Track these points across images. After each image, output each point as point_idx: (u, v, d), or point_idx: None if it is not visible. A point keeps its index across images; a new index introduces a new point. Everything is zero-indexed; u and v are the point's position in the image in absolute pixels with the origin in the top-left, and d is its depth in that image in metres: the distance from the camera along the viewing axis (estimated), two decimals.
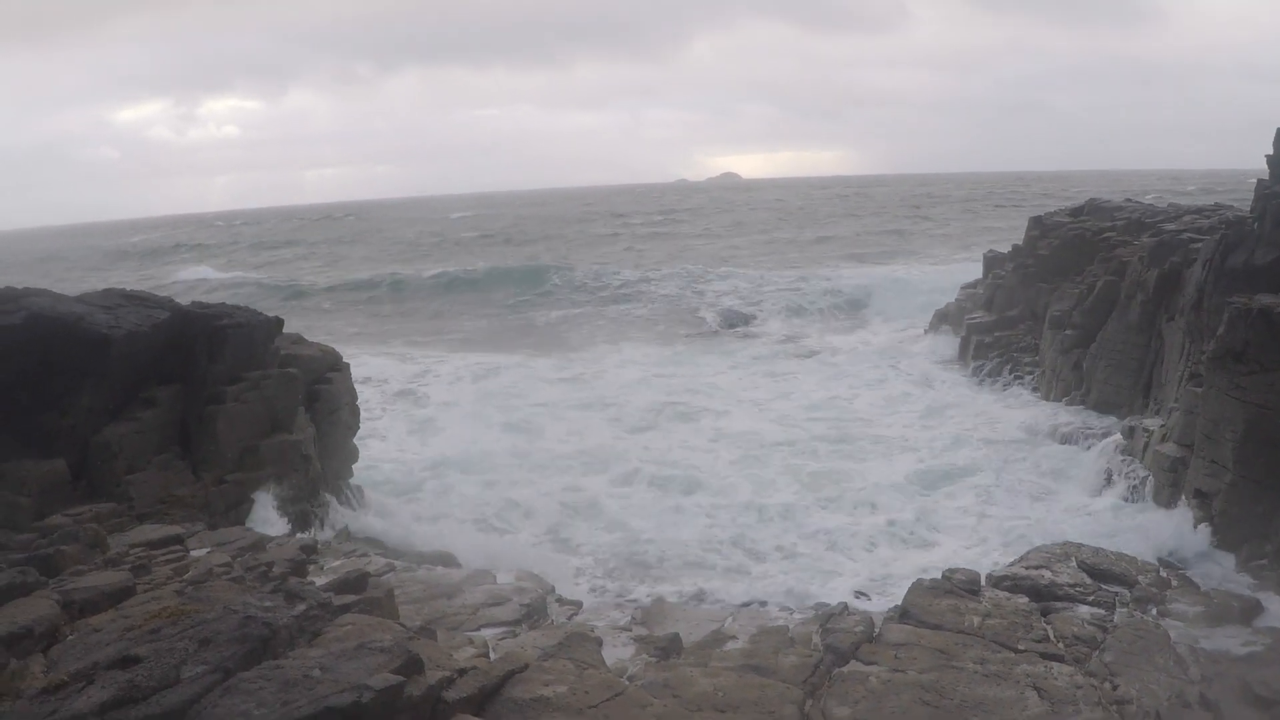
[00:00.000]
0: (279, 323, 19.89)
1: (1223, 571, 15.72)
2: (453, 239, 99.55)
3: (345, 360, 22.02)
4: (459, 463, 24.37)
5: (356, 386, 22.45)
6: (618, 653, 11.93)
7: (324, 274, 73.27)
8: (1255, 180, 21.48)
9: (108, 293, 18.69)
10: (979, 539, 18.65)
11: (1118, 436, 21.77)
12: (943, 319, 39.12)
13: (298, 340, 21.49)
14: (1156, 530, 17.43)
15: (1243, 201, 27.42)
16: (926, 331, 39.83)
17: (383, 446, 25.81)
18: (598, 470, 23.69)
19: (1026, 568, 14.58)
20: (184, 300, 19.99)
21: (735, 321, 47.41)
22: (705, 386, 33.07)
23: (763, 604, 14.85)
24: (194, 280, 71.27)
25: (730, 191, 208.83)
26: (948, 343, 36.66)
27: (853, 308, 48.06)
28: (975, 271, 40.72)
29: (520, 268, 64.29)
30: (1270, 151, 23.27)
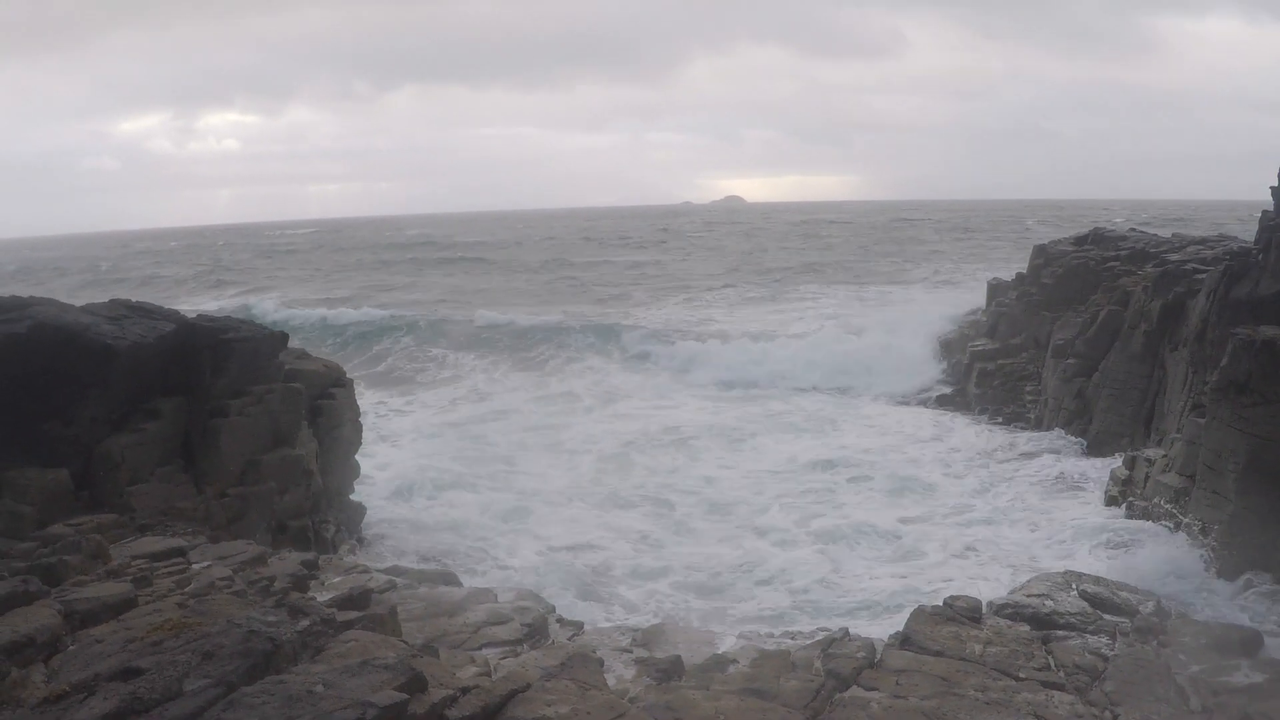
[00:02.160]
0: (283, 337, 19.90)
1: (1223, 603, 15.69)
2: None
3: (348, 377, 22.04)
4: (456, 480, 24.39)
5: None
6: (619, 673, 11.93)
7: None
8: (1260, 211, 21.52)
9: (113, 303, 18.73)
10: (980, 566, 18.59)
11: (1119, 466, 21.77)
12: (945, 346, 38.92)
13: (301, 355, 21.54)
14: (1157, 561, 17.41)
15: (1247, 232, 27.46)
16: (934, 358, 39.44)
17: (384, 464, 25.74)
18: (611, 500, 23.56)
19: (1028, 596, 14.56)
20: None
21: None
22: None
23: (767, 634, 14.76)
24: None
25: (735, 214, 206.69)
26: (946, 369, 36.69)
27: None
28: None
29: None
30: (1275, 183, 23.28)
